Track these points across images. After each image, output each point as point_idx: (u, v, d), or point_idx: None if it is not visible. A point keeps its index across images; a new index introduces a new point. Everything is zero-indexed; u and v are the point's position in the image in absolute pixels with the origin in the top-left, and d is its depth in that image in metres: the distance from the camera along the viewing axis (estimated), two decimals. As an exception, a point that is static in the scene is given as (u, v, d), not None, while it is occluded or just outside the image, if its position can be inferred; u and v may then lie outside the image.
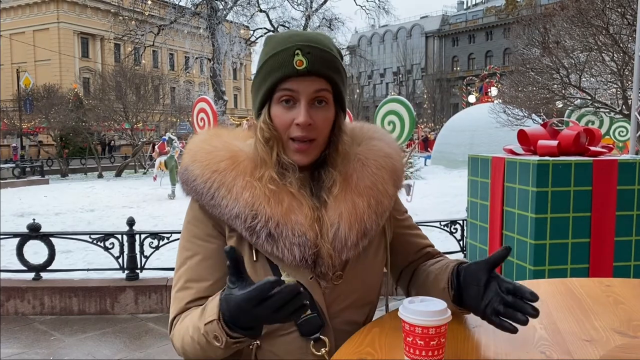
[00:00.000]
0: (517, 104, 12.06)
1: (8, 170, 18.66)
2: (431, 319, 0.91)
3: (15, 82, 31.24)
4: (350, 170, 1.18)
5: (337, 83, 1.14)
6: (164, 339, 4.01)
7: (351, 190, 1.16)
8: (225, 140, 1.19)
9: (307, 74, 1.09)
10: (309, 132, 1.11)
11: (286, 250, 1.08)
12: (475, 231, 3.45)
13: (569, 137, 2.92)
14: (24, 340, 3.99)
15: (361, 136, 1.26)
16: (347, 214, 1.13)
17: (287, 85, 1.10)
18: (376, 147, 1.23)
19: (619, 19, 8.19)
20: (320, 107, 1.12)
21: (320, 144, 1.15)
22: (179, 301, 1.14)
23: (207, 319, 0.99)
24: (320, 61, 1.10)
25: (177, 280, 1.17)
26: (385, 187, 1.19)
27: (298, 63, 1.08)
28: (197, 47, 29.17)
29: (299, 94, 1.10)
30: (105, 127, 24.03)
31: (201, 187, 1.12)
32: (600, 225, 2.80)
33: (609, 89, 9.70)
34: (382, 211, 1.18)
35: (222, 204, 1.10)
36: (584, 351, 0.99)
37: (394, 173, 1.22)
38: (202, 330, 0.99)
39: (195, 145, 1.20)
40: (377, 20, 31.89)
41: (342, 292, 1.16)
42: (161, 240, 4.76)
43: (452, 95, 61.01)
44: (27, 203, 11.68)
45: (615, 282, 1.42)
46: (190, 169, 1.15)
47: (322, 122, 1.13)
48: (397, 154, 1.26)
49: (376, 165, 1.20)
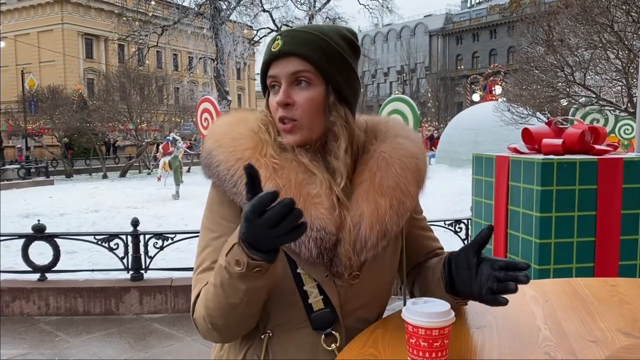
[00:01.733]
0: (521, 102, 12.02)
1: (13, 171, 18.74)
2: (434, 320, 0.91)
3: (19, 84, 31.32)
4: (373, 168, 1.16)
5: (318, 62, 1.11)
6: (169, 339, 4.02)
7: (374, 190, 1.13)
8: (251, 128, 1.18)
9: (282, 56, 1.10)
10: (288, 111, 1.12)
11: (303, 245, 1.07)
12: (479, 230, 3.44)
13: (573, 135, 2.90)
14: (30, 341, 4.01)
15: (386, 132, 1.23)
16: (368, 213, 1.12)
17: (270, 72, 1.13)
18: (401, 145, 1.20)
19: (624, 17, 8.16)
20: (302, 87, 1.12)
21: (305, 124, 1.13)
22: (201, 283, 1.12)
23: (228, 248, 0.99)
24: (297, 42, 1.10)
25: (202, 261, 1.15)
26: (409, 187, 1.17)
27: (274, 46, 1.12)
28: (201, 47, 29.22)
29: (280, 78, 1.12)
30: (110, 127, 24.09)
31: (224, 174, 1.12)
32: (605, 224, 2.78)
33: (614, 87, 9.67)
34: (403, 212, 1.16)
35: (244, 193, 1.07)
36: (588, 352, 0.98)
37: (417, 174, 1.20)
38: (225, 263, 0.99)
39: (220, 129, 1.19)
40: (381, 19, 31.87)
41: (357, 292, 1.15)
42: (165, 241, 4.77)
43: (456, 93, 60.91)
44: (32, 204, 11.72)
45: (621, 282, 1.41)
46: (214, 154, 1.15)
47: (304, 102, 1.11)
48: (422, 154, 1.23)
49: (401, 165, 1.17)
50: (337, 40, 1.14)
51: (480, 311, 1.19)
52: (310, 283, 1.11)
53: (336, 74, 1.14)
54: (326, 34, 1.13)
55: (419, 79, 70.22)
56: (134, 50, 30.18)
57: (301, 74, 1.11)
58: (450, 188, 11.44)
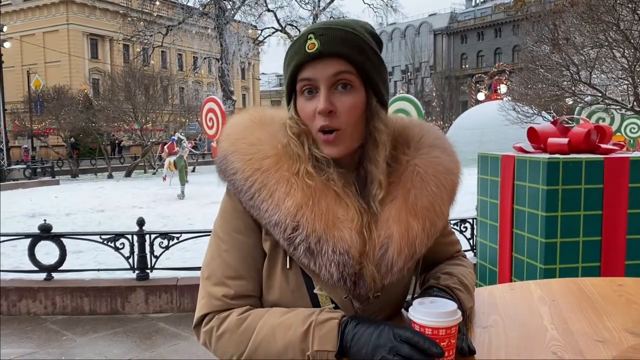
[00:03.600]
0: (526, 101, 11.99)
1: (19, 171, 18.81)
2: (441, 320, 0.91)
3: (25, 84, 31.49)
4: (408, 184, 1.07)
5: (360, 62, 1.02)
6: (175, 339, 4.03)
7: (407, 210, 1.05)
8: (271, 132, 1.09)
9: (321, 57, 1.01)
10: (331, 120, 1.02)
11: (324, 267, 1.00)
12: (485, 230, 3.44)
13: (579, 134, 2.90)
14: (36, 340, 4.02)
15: (420, 140, 1.14)
16: (398, 236, 1.04)
17: (304, 74, 1.03)
18: (437, 160, 1.11)
19: (630, 15, 8.12)
20: (345, 91, 1.02)
21: (348, 133, 1.04)
22: (212, 297, 1.07)
23: (320, 347, 0.93)
24: (336, 40, 1.00)
25: (212, 272, 1.09)
26: (443, 208, 1.09)
27: (310, 47, 1.01)
28: (206, 47, 29.25)
29: (317, 81, 1.02)
30: (115, 127, 24.17)
31: (241, 184, 1.04)
32: (611, 223, 2.78)
33: (620, 86, 9.63)
34: (434, 234, 1.08)
35: (261, 207, 1.02)
36: (596, 352, 0.98)
37: (452, 192, 1.12)
38: (309, 353, 0.94)
39: (237, 132, 1.10)
40: (385, 18, 31.77)
41: (376, 309, 1.10)
42: (171, 240, 4.78)
43: (461, 93, 60.72)
44: (38, 204, 11.77)
45: (628, 282, 1.40)
46: (230, 159, 1.07)
47: (347, 108, 1.02)
48: (457, 169, 1.15)
49: (436, 183, 1.08)
50: (368, 37, 1.06)
51: (487, 311, 1.19)
52: (328, 304, 1.06)
53: (376, 75, 1.06)
54: (359, 31, 1.04)
55: (423, 78, 70.06)
56: (138, 51, 30.28)
57: (343, 75, 1.02)
58: (455, 187, 11.42)
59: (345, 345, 0.92)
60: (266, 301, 1.10)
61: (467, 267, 1.25)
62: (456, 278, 1.15)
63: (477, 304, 1.21)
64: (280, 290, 1.07)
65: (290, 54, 1.06)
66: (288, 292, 1.07)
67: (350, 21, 1.08)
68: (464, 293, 1.12)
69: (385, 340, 0.89)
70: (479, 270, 3.58)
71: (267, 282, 1.09)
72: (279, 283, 1.07)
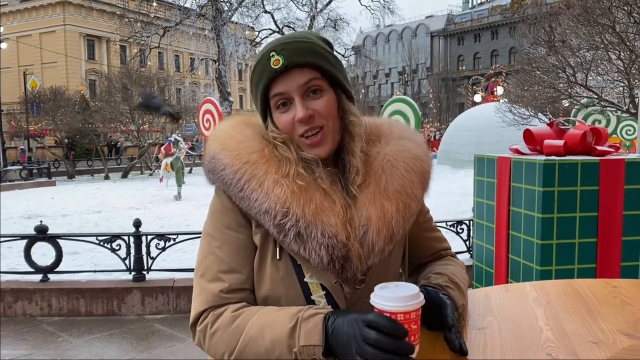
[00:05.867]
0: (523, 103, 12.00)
1: (15, 172, 18.76)
2: (399, 305, 0.88)
3: (22, 85, 31.41)
4: (379, 171, 1.15)
5: (324, 67, 1.10)
6: (171, 340, 4.02)
7: (380, 194, 1.12)
8: (257, 131, 1.16)
9: (287, 70, 1.08)
10: (312, 122, 1.10)
11: (314, 252, 1.05)
12: (481, 231, 3.44)
13: (575, 136, 2.90)
14: (32, 342, 4.01)
15: (389, 134, 1.22)
16: (375, 218, 1.10)
17: (275, 89, 1.10)
18: (405, 148, 1.19)
19: (626, 17, 8.14)
20: (317, 96, 1.11)
21: (331, 129, 1.13)
22: (208, 293, 1.09)
23: (307, 342, 0.94)
24: (297, 52, 1.08)
25: (205, 270, 1.12)
26: (414, 190, 1.16)
27: (275, 63, 1.08)
28: (203, 49, 29.22)
29: (290, 93, 1.09)
30: (112, 128, 24.13)
31: (230, 178, 1.09)
32: (607, 225, 2.79)
33: (616, 88, 9.66)
34: (409, 216, 1.15)
35: (251, 197, 1.07)
36: (590, 353, 0.99)
37: (423, 176, 1.19)
38: (296, 349, 0.95)
39: (224, 133, 1.16)
40: (382, 20, 31.84)
41: (363, 296, 1.12)
42: (167, 242, 4.78)
43: (457, 94, 60.88)
44: (34, 205, 11.74)
45: (623, 283, 1.41)
46: (219, 157, 1.11)
47: (324, 108, 1.11)
48: (426, 156, 1.22)
49: (406, 168, 1.16)
50: (321, 42, 1.14)
51: (482, 312, 1.20)
52: (318, 292, 1.10)
53: (339, 74, 1.14)
54: (312, 40, 1.12)
55: (420, 79, 70.20)
56: (135, 52, 30.18)
57: (312, 82, 1.10)
58: (452, 189, 11.45)
59: (328, 340, 0.93)
60: (257, 295, 1.12)
61: (457, 267, 1.28)
62: (447, 277, 1.18)
63: (472, 305, 1.22)
64: (271, 280, 1.10)
65: (257, 74, 1.13)
66: (278, 282, 1.10)
67: (301, 33, 1.17)
68: (455, 291, 1.14)
69: (354, 329, 0.90)
70: (475, 271, 3.59)
71: (257, 274, 1.12)
72: (270, 274, 1.10)
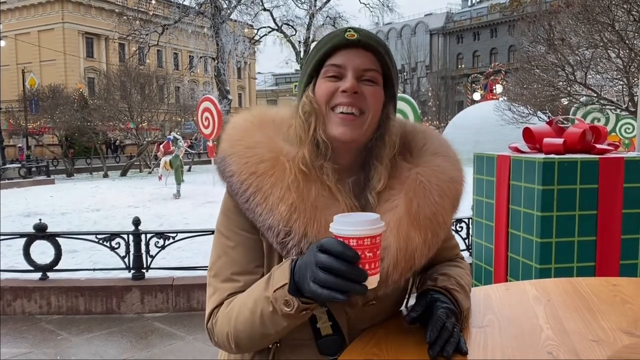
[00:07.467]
0: (522, 101, 12.01)
1: (14, 170, 18.75)
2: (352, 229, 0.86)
3: (20, 83, 31.34)
4: (410, 193, 1.06)
5: (387, 64, 1.08)
6: (170, 339, 4.02)
7: (409, 221, 1.03)
8: (270, 136, 1.10)
9: (358, 45, 1.05)
10: (355, 100, 1.04)
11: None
12: (480, 229, 3.44)
13: (574, 134, 2.90)
14: (31, 340, 4.01)
15: (422, 148, 1.14)
16: (394, 250, 1.02)
17: (335, 60, 1.06)
18: (440, 168, 1.10)
19: (625, 16, 8.14)
20: (370, 85, 1.06)
21: (368, 121, 1.06)
22: (222, 292, 1.09)
23: (277, 285, 0.95)
24: (374, 38, 1.07)
25: (219, 270, 1.11)
26: (445, 218, 1.08)
27: (349, 35, 1.05)
28: (202, 47, 29.20)
29: (346, 69, 1.05)
30: (111, 126, 24.11)
31: (237, 187, 1.06)
32: (606, 223, 2.79)
33: (615, 86, 9.67)
34: (435, 244, 1.07)
35: (256, 210, 1.04)
36: (591, 351, 0.98)
37: (456, 201, 1.11)
38: (271, 298, 0.95)
39: (236, 132, 1.12)
40: (381, 18, 31.86)
41: (370, 315, 1.10)
42: (167, 240, 4.77)
43: (456, 92, 60.87)
44: (33, 203, 11.74)
45: (622, 282, 1.41)
46: (228, 161, 1.08)
47: (372, 96, 1.05)
48: (461, 177, 1.14)
49: (439, 193, 1.07)
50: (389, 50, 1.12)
51: (482, 310, 1.19)
52: (320, 308, 1.05)
53: (395, 80, 1.12)
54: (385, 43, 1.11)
55: (419, 77, 70.15)
56: (134, 49, 30.16)
57: (371, 73, 1.06)
58: (451, 187, 11.45)
59: (295, 277, 0.93)
60: None
61: (463, 269, 1.24)
62: (453, 279, 1.14)
63: (472, 304, 1.21)
64: None
65: (323, 41, 1.10)
66: None
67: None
68: (461, 294, 1.11)
69: (310, 256, 0.90)
70: (475, 270, 3.59)
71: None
72: None
